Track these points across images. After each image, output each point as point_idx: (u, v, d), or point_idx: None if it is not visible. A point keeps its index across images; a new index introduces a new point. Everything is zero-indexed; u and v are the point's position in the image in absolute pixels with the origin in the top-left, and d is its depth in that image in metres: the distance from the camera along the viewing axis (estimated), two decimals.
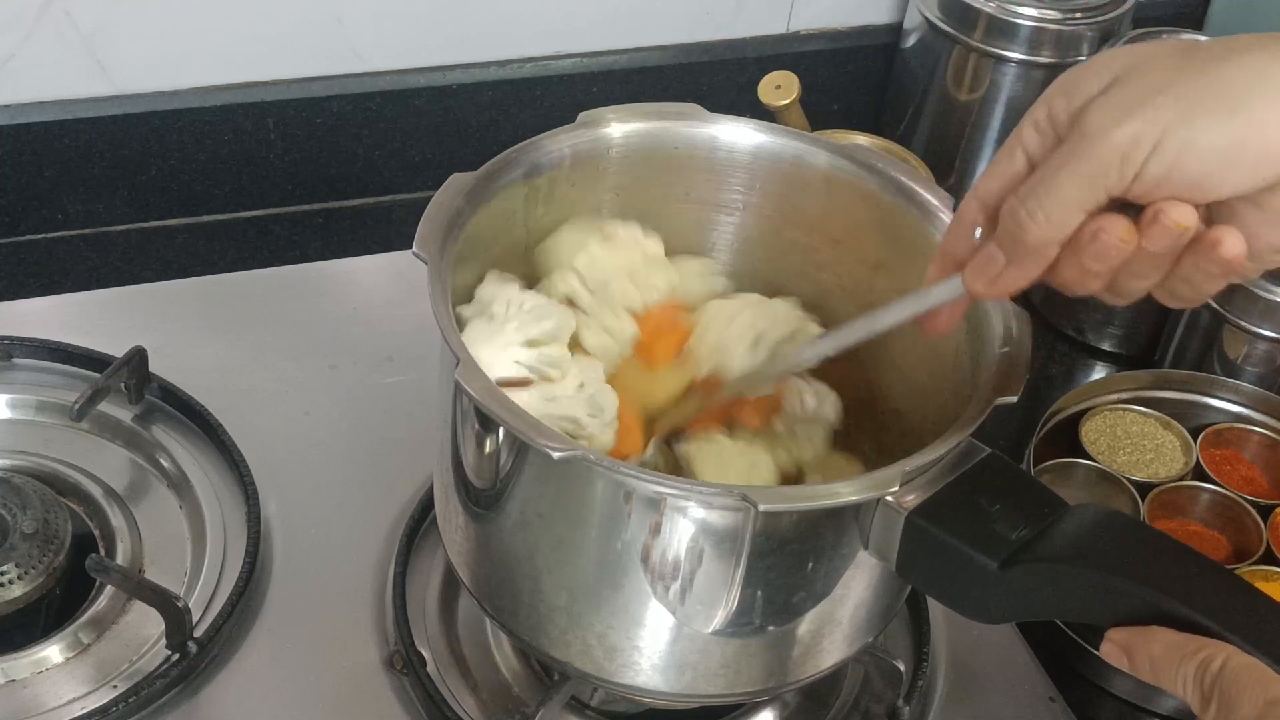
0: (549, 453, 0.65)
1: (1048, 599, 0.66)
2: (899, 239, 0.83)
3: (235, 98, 1.17)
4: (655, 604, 0.72)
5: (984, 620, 0.70)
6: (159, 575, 0.90)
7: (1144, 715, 0.95)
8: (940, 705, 0.90)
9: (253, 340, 1.06)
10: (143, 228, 1.20)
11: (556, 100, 1.25)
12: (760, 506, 0.65)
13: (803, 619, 0.74)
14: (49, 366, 1.01)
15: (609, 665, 0.75)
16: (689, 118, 0.85)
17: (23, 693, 0.83)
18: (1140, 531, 0.68)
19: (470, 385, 0.67)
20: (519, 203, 0.82)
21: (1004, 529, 0.66)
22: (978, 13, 1.18)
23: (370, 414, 1.02)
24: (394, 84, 1.21)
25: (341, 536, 0.94)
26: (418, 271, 0.74)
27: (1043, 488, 0.70)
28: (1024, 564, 0.65)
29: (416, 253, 0.73)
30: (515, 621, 0.77)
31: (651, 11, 1.26)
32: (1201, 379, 1.10)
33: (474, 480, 0.75)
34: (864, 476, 0.68)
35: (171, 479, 0.96)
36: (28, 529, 0.87)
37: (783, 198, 0.86)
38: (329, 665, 0.87)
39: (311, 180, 1.23)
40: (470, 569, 0.80)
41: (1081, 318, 1.22)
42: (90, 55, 1.12)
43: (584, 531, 0.71)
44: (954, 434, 0.68)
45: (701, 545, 0.69)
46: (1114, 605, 0.64)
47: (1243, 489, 1.04)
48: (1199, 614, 0.61)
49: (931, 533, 0.67)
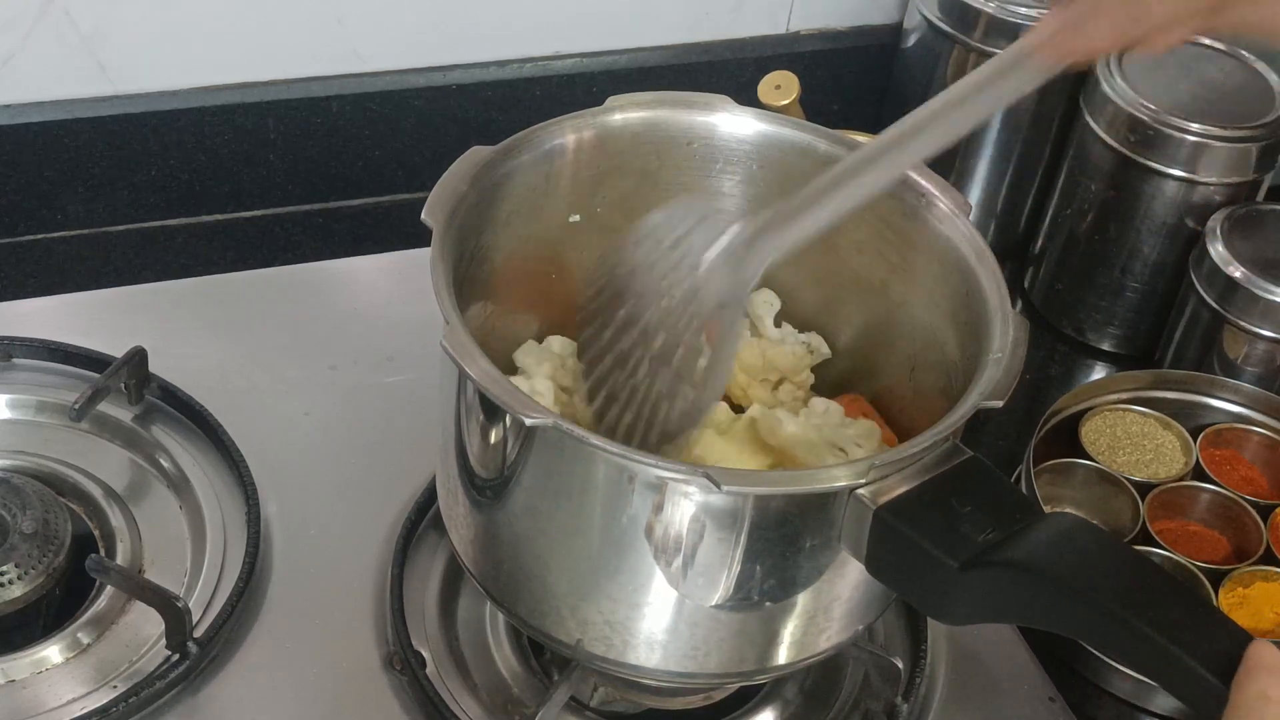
0: (522, 419, 0.66)
1: (1006, 603, 0.67)
2: (899, 229, 0.83)
3: (235, 98, 1.17)
4: (658, 580, 0.72)
5: (946, 621, 0.71)
6: (159, 575, 0.90)
7: (1144, 715, 0.95)
8: (940, 704, 0.90)
9: (253, 340, 1.06)
10: (143, 228, 1.20)
11: (556, 100, 1.25)
12: (723, 487, 0.65)
13: (794, 601, 0.74)
14: (49, 366, 1.01)
15: (617, 644, 0.75)
16: (715, 109, 0.85)
17: (23, 693, 0.83)
18: (1105, 544, 0.68)
19: (453, 348, 0.68)
20: (540, 180, 0.83)
21: (970, 531, 0.67)
22: (978, 13, 1.18)
23: (370, 414, 1.02)
24: (394, 84, 1.21)
25: (341, 536, 0.94)
26: (418, 271, 0.74)
27: (1020, 494, 0.71)
28: (983, 567, 0.66)
29: (425, 219, 0.74)
30: (521, 606, 0.78)
31: (651, 11, 1.26)
32: (1201, 379, 1.10)
33: (479, 470, 0.75)
34: (835, 466, 0.68)
35: (171, 479, 0.96)
36: (28, 529, 0.87)
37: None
38: (328, 665, 0.87)
39: (311, 180, 1.23)
40: (475, 558, 0.80)
41: (1081, 318, 1.22)
42: (90, 55, 1.12)
43: (584, 511, 0.72)
44: (929, 434, 0.69)
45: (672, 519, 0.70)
46: (1066, 614, 0.65)
47: (1243, 489, 1.04)
48: (1146, 626, 0.62)
49: (897, 529, 0.67)
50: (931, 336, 0.82)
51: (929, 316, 0.83)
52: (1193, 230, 1.13)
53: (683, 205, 0.77)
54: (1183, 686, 0.62)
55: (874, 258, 0.86)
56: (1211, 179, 1.11)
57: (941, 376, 0.81)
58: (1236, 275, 1.07)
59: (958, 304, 0.79)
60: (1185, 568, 0.97)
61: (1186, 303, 1.13)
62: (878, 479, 0.68)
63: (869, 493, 0.67)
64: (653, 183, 0.86)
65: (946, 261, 0.80)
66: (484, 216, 0.80)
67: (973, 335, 0.77)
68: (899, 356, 0.86)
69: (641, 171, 0.86)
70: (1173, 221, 1.13)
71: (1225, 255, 1.08)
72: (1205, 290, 1.10)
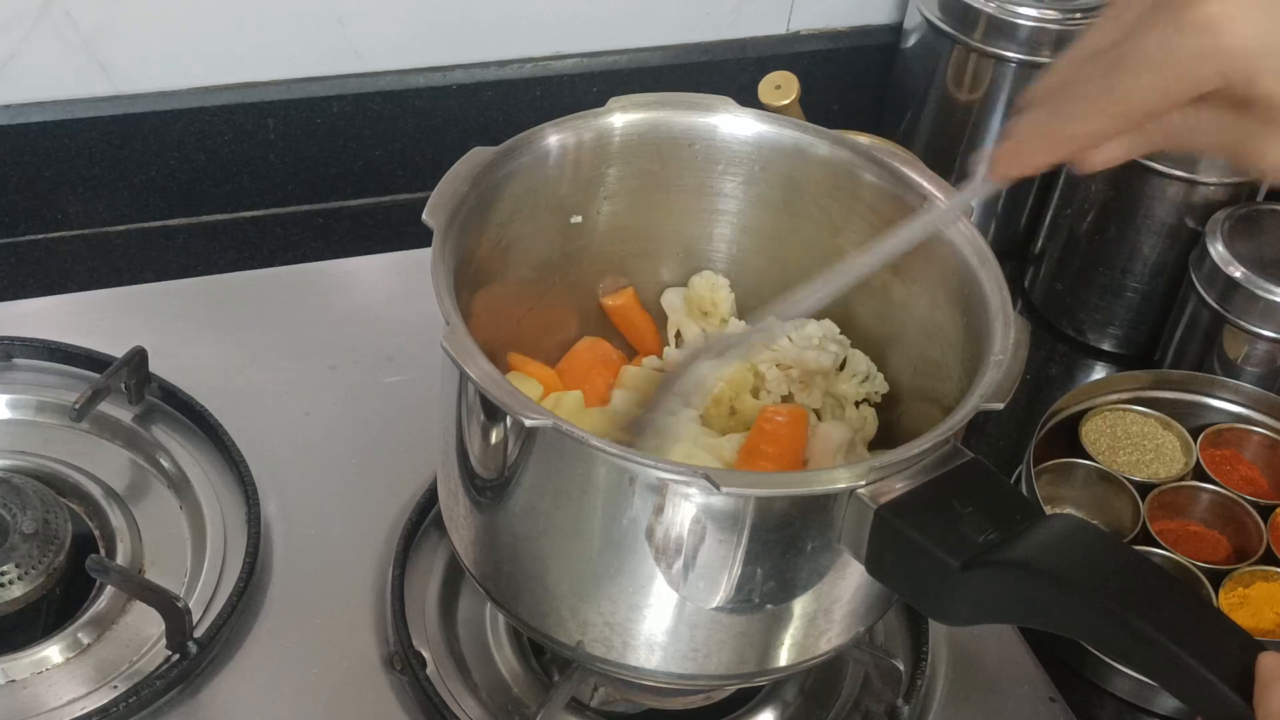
0: (521, 420, 0.66)
1: (1006, 603, 0.67)
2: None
3: (235, 98, 1.17)
4: (658, 580, 0.72)
5: (946, 621, 0.71)
6: (159, 575, 0.90)
7: (1144, 715, 0.95)
8: (940, 705, 0.90)
9: (253, 340, 1.06)
10: (143, 228, 1.20)
11: (556, 100, 1.25)
12: (723, 489, 0.65)
13: (795, 603, 0.74)
14: (49, 366, 1.01)
15: (617, 645, 0.75)
16: (716, 109, 0.85)
17: (23, 693, 0.83)
18: (1105, 545, 0.68)
19: (453, 349, 0.68)
20: (541, 181, 0.83)
21: (971, 531, 0.67)
22: (978, 13, 1.18)
23: (370, 414, 1.02)
24: (394, 84, 1.21)
25: (341, 537, 0.94)
26: (418, 271, 0.74)
27: (1021, 495, 0.71)
28: (984, 566, 0.66)
29: (426, 219, 0.74)
30: (521, 607, 0.78)
31: (651, 11, 1.26)
32: (1201, 379, 1.10)
33: (479, 470, 0.75)
34: (836, 468, 0.68)
35: (171, 479, 0.96)
36: (28, 529, 0.87)
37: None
38: (329, 665, 0.87)
39: (311, 180, 1.23)
40: (476, 559, 0.80)
41: (1081, 318, 1.22)
42: (90, 55, 1.12)
43: (585, 512, 0.72)
44: (930, 435, 0.69)
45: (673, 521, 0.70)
46: (1067, 614, 0.65)
47: (1243, 489, 1.04)
48: (1147, 626, 0.62)
49: (898, 528, 0.67)
50: (932, 338, 0.82)
51: (930, 318, 0.83)
52: (1193, 230, 1.13)
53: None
54: (1185, 687, 0.62)
55: (859, 239, 0.86)
56: (1211, 179, 1.11)
57: (942, 378, 0.81)
58: (1236, 275, 1.07)
59: (959, 306, 0.79)
60: (1185, 568, 0.97)
61: (1187, 303, 1.13)
62: (878, 480, 0.68)
63: (869, 493, 0.67)
64: (654, 184, 0.87)
65: (947, 264, 0.80)
66: (485, 217, 0.80)
67: (973, 337, 0.77)
68: (900, 358, 0.87)
69: (643, 172, 0.86)
70: (1173, 222, 1.13)
71: (1225, 255, 1.08)
72: (1205, 290, 1.10)
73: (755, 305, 0.91)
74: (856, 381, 0.87)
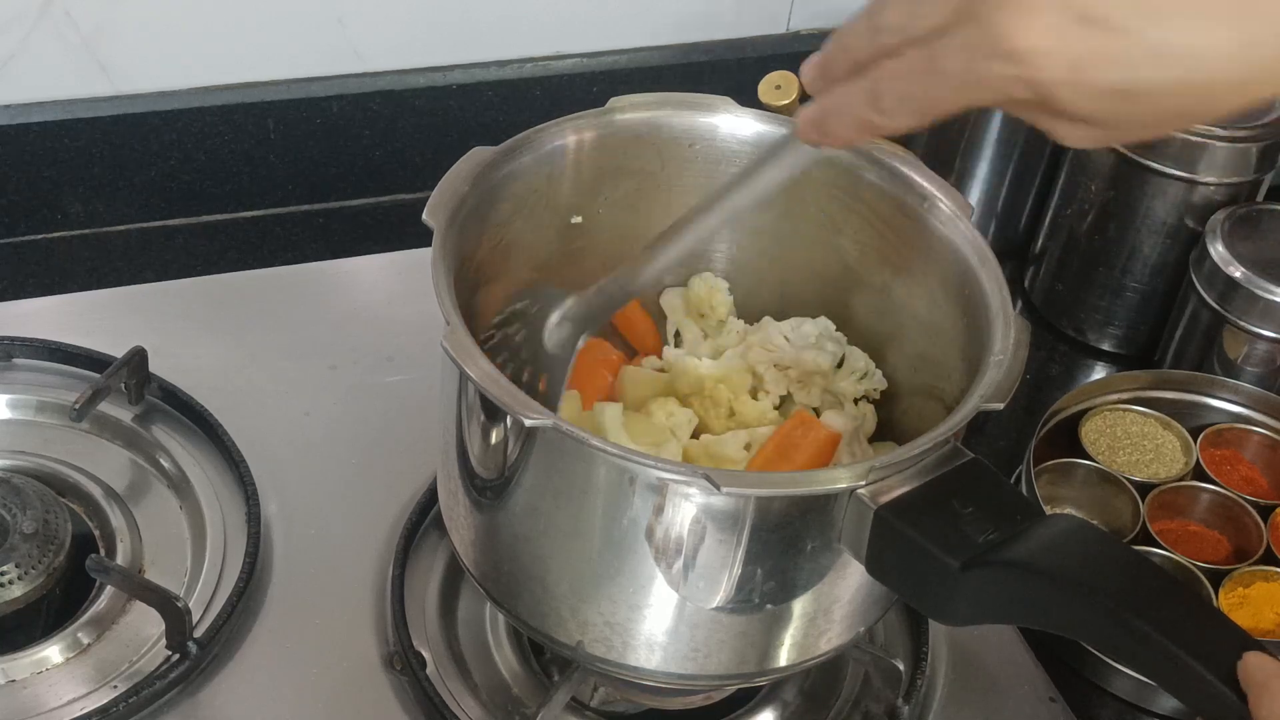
0: (522, 420, 0.66)
1: (1006, 603, 0.67)
2: (900, 231, 0.83)
3: (235, 98, 1.17)
4: (659, 581, 0.72)
5: (946, 622, 0.71)
6: (159, 575, 0.90)
7: (1144, 715, 0.95)
8: (940, 705, 0.90)
9: (253, 340, 1.06)
10: (143, 228, 1.20)
11: (556, 100, 1.25)
12: (723, 489, 0.65)
13: (795, 603, 0.74)
14: (49, 366, 1.01)
15: (617, 646, 0.75)
16: (717, 109, 0.85)
17: (23, 693, 0.83)
18: (1105, 545, 0.69)
19: (453, 349, 0.69)
20: (541, 181, 0.83)
21: (971, 531, 0.67)
22: None
23: (370, 414, 1.02)
24: (394, 84, 1.21)
25: (341, 536, 0.94)
26: (418, 271, 0.74)
27: (1020, 495, 0.71)
28: (984, 567, 0.66)
29: (426, 219, 0.75)
30: (521, 607, 0.78)
31: (651, 11, 1.26)
32: (1201, 379, 1.10)
33: (479, 470, 0.75)
34: (836, 468, 0.68)
35: (171, 479, 0.96)
36: (28, 529, 0.87)
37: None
38: (329, 665, 0.87)
39: (311, 180, 1.23)
40: (476, 559, 0.80)
41: (1081, 318, 1.22)
42: (90, 55, 1.12)
43: (585, 512, 0.72)
44: (930, 436, 0.69)
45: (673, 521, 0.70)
46: (1067, 614, 0.65)
47: (1243, 489, 1.04)
48: (1147, 626, 0.62)
49: (898, 529, 0.67)
50: (932, 337, 0.82)
51: (930, 318, 0.83)
52: (1193, 230, 1.13)
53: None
54: (1185, 687, 0.62)
55: (876, 260, 0.86)
56: (1211, 179, 1.11)
57: (942, 378, 0.81)
58: (1236, 275, 1.07)
59: (959, 306, 0.79)
60: (1185, 568, 0.97)
61: (1187, 303, 1.13)
62: (878, 480, 0.68)
63: (869, 493, 0.68)
64: (654, 183, 0.87)
65: (948, 264, 0.80)
66: (485, 217, 0.80)
67: (974, 337, 0.77)
68: (899, 356, 0.87)
69: (643, 172, 0.86)
70: (1173, 222, 1.13)
71: (1225, 255, 1.08)
72: (1205, 290, 1.10)
73: (754, 306, 0.91)
74: (855, 379, 0.87)
